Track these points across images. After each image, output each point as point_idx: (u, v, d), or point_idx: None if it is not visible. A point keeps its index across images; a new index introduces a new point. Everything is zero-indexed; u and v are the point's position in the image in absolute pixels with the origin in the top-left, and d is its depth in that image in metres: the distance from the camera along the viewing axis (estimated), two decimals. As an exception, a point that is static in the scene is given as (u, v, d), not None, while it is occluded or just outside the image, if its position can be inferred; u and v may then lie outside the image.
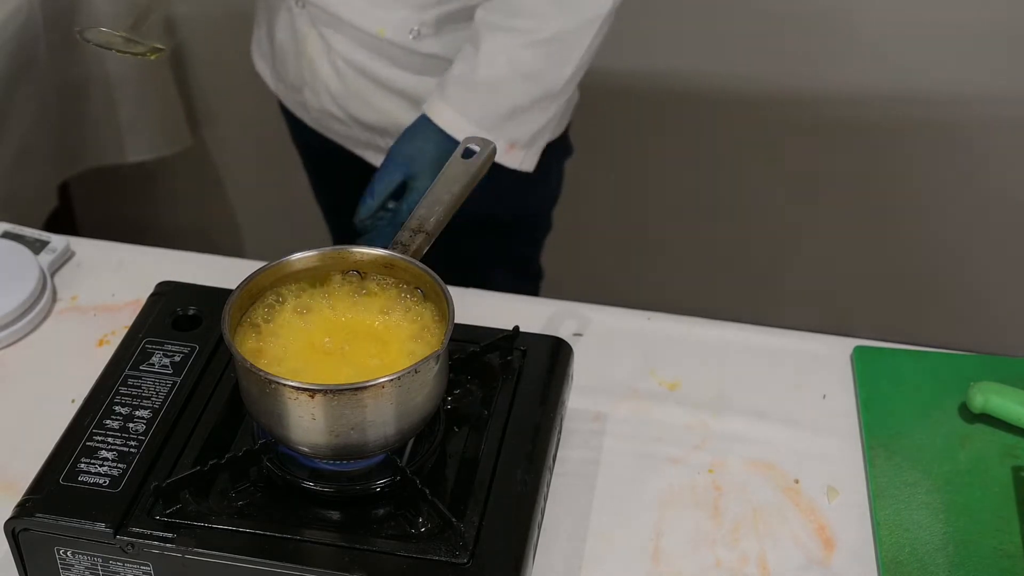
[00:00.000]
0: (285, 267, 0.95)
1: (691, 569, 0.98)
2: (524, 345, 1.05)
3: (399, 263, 0.95)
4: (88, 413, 0.96)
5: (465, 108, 1.29)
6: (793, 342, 1.20)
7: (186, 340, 1.03)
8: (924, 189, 2.17)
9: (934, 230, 2.22)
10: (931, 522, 1.00)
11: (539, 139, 1.36)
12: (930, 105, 2.07)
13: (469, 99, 1.29)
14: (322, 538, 0.88)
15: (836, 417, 1.12)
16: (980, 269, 2.24)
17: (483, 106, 1.29)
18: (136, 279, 1.26)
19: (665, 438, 1.09)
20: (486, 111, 1.29)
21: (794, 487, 1.05)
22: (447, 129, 1.29)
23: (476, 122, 1.28)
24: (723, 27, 2.04)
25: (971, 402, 1.09)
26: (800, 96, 2.10)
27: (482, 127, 1.28)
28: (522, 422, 0.98)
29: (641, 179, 2.25)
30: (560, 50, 1.28)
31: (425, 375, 0.87)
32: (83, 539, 0.87)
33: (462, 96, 1.29)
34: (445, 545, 0.87)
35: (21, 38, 1.77)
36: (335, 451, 0.88)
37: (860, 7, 2.00)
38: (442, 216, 0.99)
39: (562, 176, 1.65)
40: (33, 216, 1.91)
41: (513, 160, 1.34)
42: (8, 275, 1.21)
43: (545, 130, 1.36)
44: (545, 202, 1.65)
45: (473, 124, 1.28)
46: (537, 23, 1.26)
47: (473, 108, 1.29)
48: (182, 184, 2.41)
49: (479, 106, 1.29)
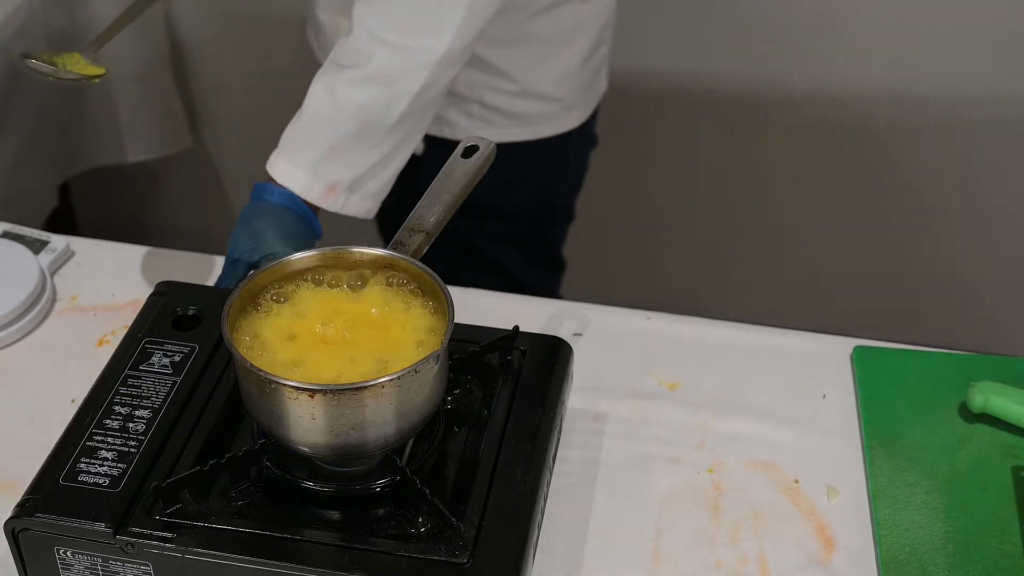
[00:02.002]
0: (285, 267, 0.95)
1: (691, 569, 0.98)
2: (524, 345, 1.05)
3: (399, 263, 0.95)
4: (88, 413, 0.96)
5: (288, 150, 1.20)
6: (793, 342, 1.20)
7: (186, 340, 1.03)
8: (924, 189, 2.17)
9: (934, 230, 2.22)
10: (931, 522, 1.00)
11: (367, 183, 1.23)
12: (931, 105, 2.07)
13: (292, 138, 1.21)
14: (322, 538, 0.88)
15: (836, 417, 1.12)
16: (980, 269, 2.24)
17: (304, 145, 1.20)
18: (136, 279, 1.26)
19: (665, 438, 1.09)
20: (304, 150, 1.20)
21: (794, 487, 1.05)
22: (278, 177, 1.20)
23: (295, 162, 1.19)
24: (722, 27, 2.04)
25: (971, 402, 1.09)
26: (801, 96, 2.10)
27: (301, 166, 1.19)
28: (522, 422, 0.98)
29: (640, 179, 2.25)
30: (384, 91, 1.19)
31: (425, 375, 0.87)
32: (83, 539, 0.87)
33: (289, 139, 1.21)
34: (445, 545, 0.87)
35: (21, 38, 1.77)
36: (335, 451, 0.88)
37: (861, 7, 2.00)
38: (441, 216, 0.99)
39: (585, 166, 1.62)
40: (33, 216, 1.91)
41: (334, 203, 1.21)
42: (8, 275, 1.21)
43: (373, 176, 1.23)
44: (565, 191, 1.62)
45: (293, 164, 1.19)
46: (362, 61, 1.18)
47: (294, 148, 1.20)
48: (182, 184, 2.41)
49: (300, 145, 1.20)
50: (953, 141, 2.10)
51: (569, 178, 1.62)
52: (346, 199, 1.22)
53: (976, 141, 2.09)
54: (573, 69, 1.48)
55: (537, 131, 1.51)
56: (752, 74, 2.09)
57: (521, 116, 1.49)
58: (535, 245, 1.66)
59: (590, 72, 1.52)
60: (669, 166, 2.21)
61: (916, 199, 2.19)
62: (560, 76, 1.48)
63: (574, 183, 1.64)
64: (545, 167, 1.54)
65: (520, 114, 1.48)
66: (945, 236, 2.22)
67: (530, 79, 1.45)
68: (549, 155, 1.55)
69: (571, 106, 1.52)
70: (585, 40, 1.48)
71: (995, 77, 2.02)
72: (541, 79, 1.46)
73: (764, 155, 2.19)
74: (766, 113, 2.12)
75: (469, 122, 1.47)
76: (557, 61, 1.47)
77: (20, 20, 1.77)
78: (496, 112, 1.47)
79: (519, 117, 1.48)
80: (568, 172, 1.60)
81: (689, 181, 2.24)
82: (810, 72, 2.08)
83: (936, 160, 2.13)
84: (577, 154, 1.60)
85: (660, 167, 2.23)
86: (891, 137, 2.12)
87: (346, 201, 1.22)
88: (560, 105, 1.50)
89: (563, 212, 1.66)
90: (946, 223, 2.20)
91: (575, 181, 1.64)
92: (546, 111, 1.50)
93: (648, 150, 2.21)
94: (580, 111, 1.54)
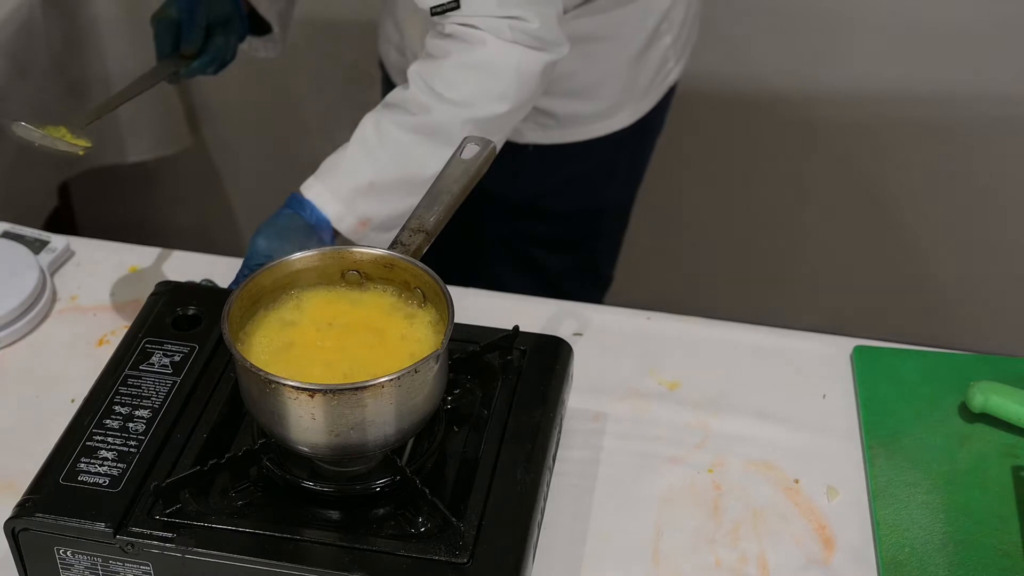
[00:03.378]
0: (285, 267, 0.95)
1: (691, 569, 0.98)
2: (524, 345, 1.05)
3: (399, 263, 0.95)
4: (88, 413, 0.96)
5: (328, 177, 1.20)
6: (793, 342, 1.20)
7: (186, 340, 1.03)
8: (924, 189, 2.17)
9: (934, 230, 2.22)
10: (931, 522, 1.00)
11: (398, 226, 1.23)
12: (931, 105, 2.07)
13: (334, 166, 1.20)
14: (322, 538, 0.88)
15: (836, 417, 1.12)
16: (980, 269, 2.24)
17: (344, 174, 1.19)
18: (136, 279, 1.26)
19: (665, 438, 1.09)
20: (345, 179, 1.19)
21: (794, 487, 1.05)
22: (312, 198, 1.19)
23: (333, 189, 1.18)
24: (722, 27, 2.04)
25: (971, 402, 1.09)
26: (801, 96, 2.10)
27: (337, 195, 1.18)
28: (522, 422, 0.98)
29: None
30: (435, 142, 1.18)
31: (425, 375, 0.87)
32: (83, 539, 0.87)
33: (330, 167, 1.21)
34: (445, 545, 0.87)
35: (21, 38, 1.77)
36: (335, 451, 0.88)
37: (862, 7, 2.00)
38: (442, 216, 0.99)
39: (641, 166, 1.59)
40: (33, 216, 1.91)
41: (360, 237, 1.21)
42: (8, 275, 1.21)
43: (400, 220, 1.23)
44: (615, 194, 1.59)
45: (330, 191, 1.19)
46: (419, 111, 1.19)
47: (335, 176, 1.19)
48: (182, 184, 2.41)
49: (341, 173, 1.19)
50: (953, 141, 2.10)
51: (620, 180, 1.58)
52: (375, 236, 1.21)
53: (976, 141, 2.09)
54: (621, 68, 1.45)
55: (584, 132, 1.48)
56: (751, 74, 2.09)
57: (566, 117, 1.46)
58: (581, 253, 1.63)
59: (646, 69, 1.48)
60: (668, 166, 2.21)
61: (916, 199, 2.19)
62: (605, 75, 1.45)
63: (627, 185, 1.60)
64: (593, 169, 1.51)
65: (565, 115, 1.46)
66: (945, 236, 2.22)
67: (574, 80, 1.42)
68: (597, 156, 1.52)
69: (620, 105, 1.48)
70: (634, 38, 1.44)
71: (995, 77, 2.02)
72: (585, 79, 1.43)
73: (764, 155, 2.19)
74: (766, 113, 2.12)
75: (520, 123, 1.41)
76: (603, 61, 1.44)
77: (20, 20, 1.77)
78: (540, 113, 1.44)
79: (564, 118, 1.46)
80: (618, 174, 1.56)
81: (688, 181, 2.24)
82: (810, 72, 2.08)
83: (936, 160, 2.13)
84: (633, 154, 1.56)
85: (659, 167, 2.22)
86: (891, 137, 2.12)
87: (373, 238, 1.21)
88: (607, 104, 1.47)
89: (613, 218, 1.62)
90: (946, 223, 2.21)
91: (628, 183, 1.60)
92: (593, 111, 1.47)
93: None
94: (631, 110, 1.50)
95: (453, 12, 1.16)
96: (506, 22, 1.16)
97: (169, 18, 1.33)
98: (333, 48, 2.12)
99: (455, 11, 1.16)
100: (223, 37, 1.37)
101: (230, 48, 1.39)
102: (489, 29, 1.16)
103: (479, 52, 1.17)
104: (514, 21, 1.16)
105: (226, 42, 1.37)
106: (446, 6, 1.16)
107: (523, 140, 1.46)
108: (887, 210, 2.21)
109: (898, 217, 2.21)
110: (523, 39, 1.17)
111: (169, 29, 1.33)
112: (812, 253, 2.29)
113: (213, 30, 1.36)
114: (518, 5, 1.15)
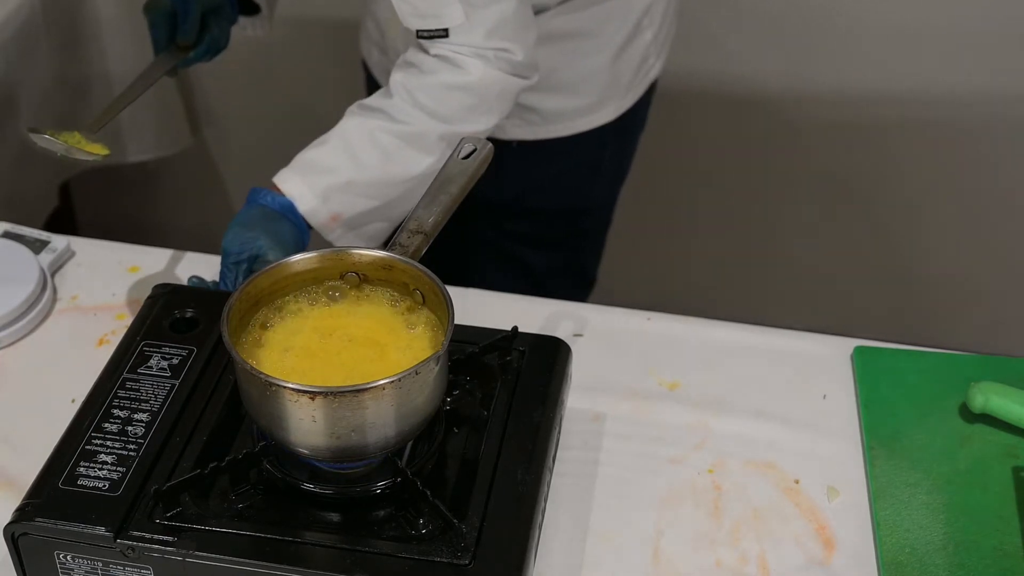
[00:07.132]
0: (285, 269, 0.95)
1: (691, 569, 0.98)
2: (523, 345, 1.05)
3: (398, 264, 0.95)
4: (87, 416, 0.96)
5: (306, 171, 1.22)
6: (793, 342, 1.20)
7: (184, 343, 1.03)
8: (925, 189, 2.17)
9: (934, 230, 2.22)
10: (931, 522, 1.00)
11: (367, 225, 1.26)
12: (931, 105, 2.07)
13: (312, 160, 1.22)
14: (323, 540, 0.88)
15: (836, 417, 1.12)
16: (980, 269, 2.24)
17: (323, 170, 1.22)
18: (136, 279, 1.26)
19: (665, 438, 1.09)
20: (323, 175, 1.21)
21: (794, 487, 1.05)
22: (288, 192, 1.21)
23: (309, 184, 1.21)
24: (722, 27, 2.04)
25: (971, 402, 1.09)
26: (801, 96, 2.10)
27: (314, 189, 1.20)
28: (522, 422, 0.98)
29: (638, 179, 2.24)
30: (414, 148, 1.22)
31: (425, 376, 0.87)
32: (83, 543, 0.87)
33: (308, 161, 1.23)
34: (446, 546, 0.87)
35: (21, 38, 1.77)
36: (335, 453, 0.88)
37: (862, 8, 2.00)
38: (440, 217, 0.99)
39: (625, 164, 1.61)
40: (33, 216, 1.91)
41: (330, 233, 1.24)
42: (8, 275, 1.21)
43: (374, 220, 1.26)
44: (599, 192, 1.60)
45: (306, 185, 1.21)
46: (406, 119, 1.22)
47: (313, 171, 1.22)
48: (182, 184, 2.41)
49: (320, 169, 1.22)
50: (953, 141, 2.10)
51: (604, 177, 1.59)
52: (342, 233, 1.24)
53: (976, 141, 2.09)
54: (603, 63, 1.46)
55: (567, 127, 1.49)
56: (751, 74, 2.09)
57: (549, 112, 1.47)
58: (566, 252, 1.64)
59: (629, 64, 1.49)
60: (668, 166, 2.21)
61: (916, 199, 2.19)
62: (588, 71, 1.45)
63: (611, 183, 1.61)
64: (577, 166, 1.51)
65: (549, 111, 1.46)
66: (945, 236, 2.22)
67: (557, 76, 1.43)
68: (581, 152, 1.52)
69: (603, 100, 1.49)
70: (616, 33, 1.45)
71: (995, 77, 2.02)
72: (568, 75, 1.44)
73: (763, 155, 2.19)
74: (765, 112, 2.12)
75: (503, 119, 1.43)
76: (586, 56, 1.44)
77: (20, 20, 1.77)
78: (524, 109, 1.45)
79: (548, 114, 1.46)
80: (602, 171, 1.57)
81: (688, 181, 2.24)
82: (810, 72, 2.08)
83: (936, 160, 2.13)
84: (616, 150, 1.56)
85: (659, 167, 2.23)
86: (891, 137, 2.12)
87: (341, 235, 1.24)
88: (590, 100, 1.48)
89: (596, 217, 1.63)
90: (946, 223, 2.20)
91: (612, 181, 1.61)
92: (576, 106, 1.47)
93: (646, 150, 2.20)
94: (614, 106, 1.50)
95: (441, 40, 1.20)
96: (492, 52, 1.20)
97: (162, 8, 1.34)
98: (334, 48, 2.12)
99: (443, 39, 1.20)
100: (217, 24, 1.39)
101: (224, 34, 1.41)
102: (475, 56, 1.21)
103: (464, 76, 1.21)
104: (500, 52, 1.21)
105: (220, 29, 1.39)
106: (433, 32, 1.20)
107: (506, 136, 1.47)
108: (888, 210, 2.21)
109: (899, 217, 2.21)
110: (506, 68, 1.22)
111: (165, 19, 1.35)
112: (812, 253, 2.29)
113: (207, 18, 1.37)
114: (504, 38, 1.20)
